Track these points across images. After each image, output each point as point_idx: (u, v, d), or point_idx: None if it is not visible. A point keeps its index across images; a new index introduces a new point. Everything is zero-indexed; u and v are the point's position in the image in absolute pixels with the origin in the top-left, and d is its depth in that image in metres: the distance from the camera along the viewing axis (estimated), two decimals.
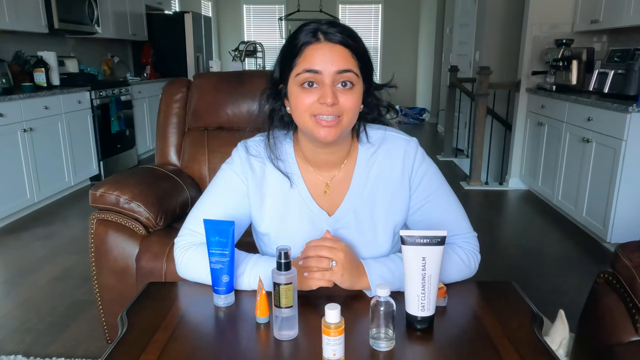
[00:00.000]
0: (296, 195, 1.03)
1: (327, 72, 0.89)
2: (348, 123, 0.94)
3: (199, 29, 6.55)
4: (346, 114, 0.92)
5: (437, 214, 1.04)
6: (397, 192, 1.04)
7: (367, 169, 1.04)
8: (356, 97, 0.93)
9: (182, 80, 2.12)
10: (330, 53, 0.90)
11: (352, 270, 0.91)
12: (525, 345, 0.78)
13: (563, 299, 2.32)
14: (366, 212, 1.03)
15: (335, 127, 0.92)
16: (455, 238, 1.04)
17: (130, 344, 0.79)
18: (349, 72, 0.91)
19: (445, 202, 1.05)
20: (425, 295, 0.81)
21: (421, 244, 0.80)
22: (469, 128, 5.00)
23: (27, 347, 1.93)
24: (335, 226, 1.02)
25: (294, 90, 0.93)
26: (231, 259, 0.91)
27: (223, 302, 0.92)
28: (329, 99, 0.89)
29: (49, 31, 4.12)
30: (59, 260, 2.77)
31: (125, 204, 1.66)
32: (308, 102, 0.91)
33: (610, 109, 2.83)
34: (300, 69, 0.91)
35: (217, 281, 0.91)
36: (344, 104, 0.91)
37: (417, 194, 1.04)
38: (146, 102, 5.46)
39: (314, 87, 0.91)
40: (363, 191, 1.03)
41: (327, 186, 1.04)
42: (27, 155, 3.47)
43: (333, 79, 0.90)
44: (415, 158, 1.04)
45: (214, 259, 0.91)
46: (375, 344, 0.77)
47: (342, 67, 0.90)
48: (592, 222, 3.04)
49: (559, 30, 3.93)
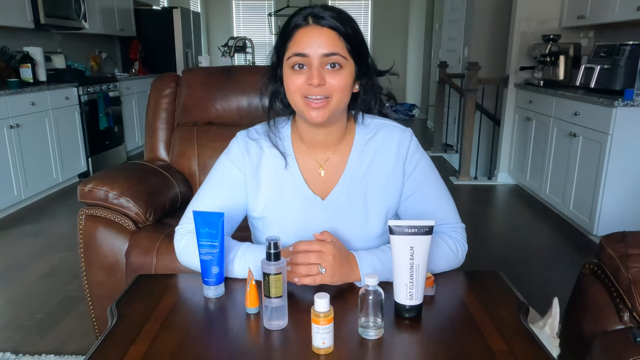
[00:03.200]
0: (290, 179, 1.05)
1: (314, 55, 0.92)
2: (337, 103, 0.96)
3: (187, 24, 6.51)
4: (335, 94, 0.95)
5: (427, 202, 1.06)
6: (391, 177, 1.05)
7: (362, 154, 1.06)
8: (344, 78, 0.95)
9: (171, 76, 2.10)
10: (318, 36, 0.93)
11: (343, 269, 0.92)
12: (511, 332, 0.79)
13: (550, 290, 2.34)
14: (359, 197, 1.04)
15: (324, 108, 0.95)
16: (445, 227, 1.06)
17: (120, 336, 0.79)
18: (336, 55, 0.93)
19: (435, 192, 1.07)
20: (413, 285, 0.82)
21: (409, 233, 0.81)
22: (458, 123, 5.03)
23: (16, 344, 1.92)
24: (329, 210, 1.04)
25: (287, 72, 0.97)
26: (221, 251, 0.92)
27: (213, 294, 0.92)
28: (315, 80, 0.92)
29: (35, 26, 4.07)
30: (48, 257, 2.75)
31: (114, 199, 1.65)
32: (298, 84, 0.94)
33: (596, 103, 2.87)
34: (290, 52, 0.94)
35: (206, 272, 0.92)
36: (331, 85, 0.94)
37: (410, 181, 1.06)
38: (135, 98, 5.41)
39: (303, 69, 0.94)
40: (357, 176, 1.05)
41: (321, 167, 1.06)
42: (14, 152, 3.43)
43: (320, 62, 0.93)
44: (410, 146, 1.06)
45: (203, 250, 0.92)
46: (364, 332, 0.78)
47: (329, 50, 0.93)
48: (578, 215, 3.08)
49: (547, 26, 3.96)
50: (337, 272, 0.91)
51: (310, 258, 0.90)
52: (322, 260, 0.90)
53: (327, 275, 0.90)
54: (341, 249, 0.94)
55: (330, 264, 0.90)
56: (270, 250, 0.81)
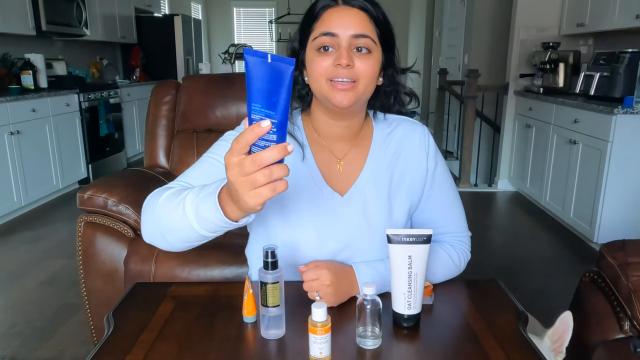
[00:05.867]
0: (306, 174, 0.97)
1: (343, 35, 0.87)
2: (364, 89, 0.90)
3: (188, 31, 6.53)
4: (362, 79, 0.89)
5: (440, 208, 1.02)
6: (415, 171, 1.01)
7: (383, 147, 1.00)
8: (372, 64, 0.90)
9: (171, 83, 2.11)
10: (348, 16, 0.88)
11: (343, 289, 0.90)
12: (510, 342, 0.79)
13: (550, 299, 2.34)
14: (383, 192, 0.98)
15: (350, 91, 0.88)
16: (450, 236, 1.04)
17: (116, 345, 0.79)
18: (366, 38, 0.88)
19: (449, 198, 1.03)
20: (411, 294, 0.81)
21: (407, 242, 0.80)
22: (458, 130, 5.04)
23: (14, 351, 1.91)
24: (349, 207, 0.97)
25: (311, 55, 0.91)
26: (281, 132, 0.58)
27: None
28: (343, 59, 0.86)
29: (36, 33, 4.08)
30: (47, 264, 2.74)
31: (113, 207, 1.65)
32: (324, 66, 0.89)
33: (596, 110, 2.87)
34: (317, 32, 0.89)
35: None
36: (359, 68, 0.88)
37: (427, 183, 1.02)
38: (135, 105, 5.43)
39: (330, 50, 0.89)
40: (380, 169, 0.99)
41: (339, 162, 0.99)
42: (15, 158, 3.44)
43: (349, 43, 0.88)
44: (430, 143, 1.02)
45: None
46: (362, 342, 0.78)
47: (359, 32, 0.88)
48: (579, 223, 3.07)
49: (546, 34, 3.97)
50: (339, 296, 0.89)
51: (309, 290, 0.89)
52: (320, 291, 0.87)
53: (329, 301, 0.87)
54: (337, 270, 0.90)
55: (330, 292, 0.88)
56: (267, 259, 0.80)
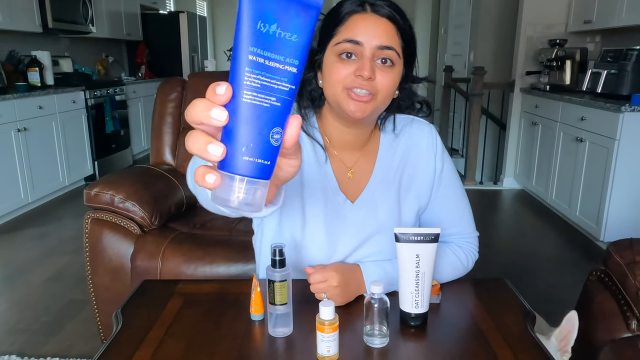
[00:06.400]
0: (322, 178, 0.96)
1: (368, 45, 0.84)
2: (381, 103, 0.87)
3: (194, 28, 6.53)
4: (381, 92, 0.85)
5: (448, 210, 1.02)
6: (423, 174, 1.00)
7: (391, 153, 0.99)
8: (393, 78, 0.86)
9: (176, 80, 2.12)
10: (375, 25, 0.84)
11: (351, 289, 0.91)
12: (518, 341, 0.78)
13: (556, 297, 2.33)
14: (392, 196, 0.98)
15: (366, 104, 0.85)
16: (458, 237, 1.03)
17: (124, 342, 0.79)
18: (391, 50, 0.84)
19: (457, 199, 1.03)
20: (419, 293, 0.81)
21: (415, 241, 0.80)
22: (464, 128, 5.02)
23: (21, 347, 1.92)
24: (359, 214, 0.97)
25: (331, 59, 0.87)
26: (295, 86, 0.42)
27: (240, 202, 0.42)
28: (366, 71, 0.82)
29: (43, 30, 4.10)
30: (53, 260, 2.76)
31: (120, 203, 1.66)
32: (343, 74, 0.85)
33: (603, 108, 2.85)
34: (340, 37, 0.85)
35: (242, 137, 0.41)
36: (380, 82, 0.84)
37: (435, 184, 1.01)
38: (141, 102, 5.44)
39: (352, 58, 0.85)
40: (389, 174, 0.99)
41: (350, 171, 0.98)
42: (22, 155, 3.45)
43: (373, 53, 0.84)
44: (437, 145, 1.00)
45: (256, 79, 0.40)
46: (369, 340, 0.78)
47: (385, 43, 0.84)
48: (585, 221, 3.06)
49: (553, 31, 3.95)
50: (347, 296, 0.90)
51: (317, 292, 0.89)
52: (328, 291, 0.88)
53: (337, 302, 0.87)
54: (344, 271, 0.91)
55: (337, 293, 0.88)
56: (275, 257, 0.80)
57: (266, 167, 0.42)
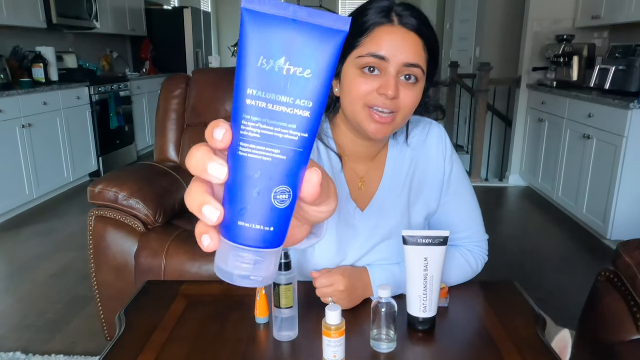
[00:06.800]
0: (338, 186, 0.92)
1: (394, 61, 0.79)
2: (401, 122, 0.84)
3: (198, 24, 6.52)
4: (402, 111, 0.82)
5: (457, 214, 0.99)
6: (432, 179, 0.97)
7: (400, 159, 0.96)
8: (417, 95, 0.83)
9: (181, 76, 2.10)
10: (403, 40, 0.79)
11: (357, 293, 0.89)
12: (528, 347, 0.77)
13: (563, 296, 2.31)
14: (401, 205, 0.95)
15: (388, 125, 0.81)
16: (468, 241, 1.01)
17: (127, 345, 0.78)
18: (417, 68, 0.80)
19: (467, 203, 1.00)
20: (427, 297, 0.80)
21: (423, 244, 0.79)
22: (469, 124, 4.99)
23: (26, 344, 1.92)
24: (369, 222, 0.94)
25: (351, 72, 0.82)
26: (312, 135, 0.33)
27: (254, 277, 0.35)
28: (390, 91, 0.78)
29: (47, 26, 4.09)
30: (58, 256, 2.76)
31: (124, 201, 1.65)
32: (365, 90, 0.80)
33: (611, 105, 2.82)
34: (364, 51, 0.80)
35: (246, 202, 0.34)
36: (403, 100, 0.80)
37: (445, 188, 0.98)
38: (145, 98, 5.43)
39: (374, 73, 0.80)
40: (397, 182, 0.95)
41: (361, 181, 0.95)
42: (26, 151, 3.45)
43: (399, 70, 0.79)
44: (447, 147, 0.97)
45: (250, 128, 0.32)
46: (377, 345, 0.77)
47: (411, 61, 0.79)
48: (592, 219, 3.03)
49: (560, 26, 3.90)
50: (354, 300, 0.89)
51: (323, 296, 0.88)
52: (334, 295, 0.87)
53: (343, 306, 0.85)
54: (351, 275, 0.89)
55: (344, 297, 0.87)
56: (281, 260, 0.79)
57: (268, 235, 0.33)
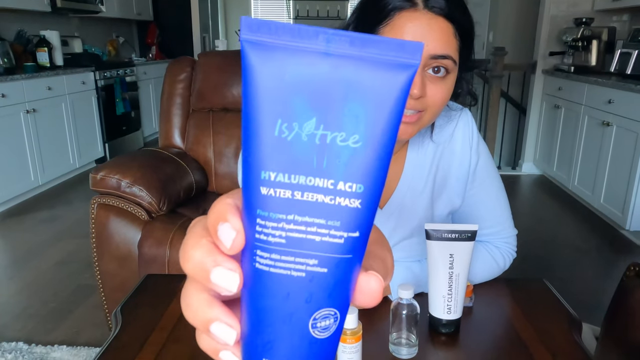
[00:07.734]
0: None
1: None
2: (429, 120, 0.75)
3: (205, 8, 6.40)
4: (430, 109, 0.72)
5: (484, 207, 0.90)
6: (457, 171, 0.87)
7: (422, 153, 0.87)
8: (447, 89, 0.73)
9: (186, 60, 2.02)
10: (429, 28, 0.68)
11: None
12: (564, 352, 0.70)
13: (581, 289, 2.23)
14: (423, 201, 0.88)
15: (413, 125, 0.72)
16: (496, 237, 0.93)
17: (122, 346, 0.72)
18: (447, 59, 0.69)
19: (496, 195, 0.91)
20: (452, 297, 0.72)
21: (449, 239, 0.71)
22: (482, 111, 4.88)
23: (29, 333, 1.88)
24: (389, 220, 0.86)
25: None
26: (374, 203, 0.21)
27: None
28: (415, 89, 0.68)
29: (51, 10, 4.01)
30: (63, 244, 2.72)
31: (126, 188, 1.59)
32: None
33: (633, 90, 2.71)
34: None
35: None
36: (431, 98, 0.71)
37: (470, 179, 0.89)
38: (152, 84, 5.37)
39: None
40: (419, 178, 0.87)
41: None
42: (31, 137, 3.40)
43: (425, 63, 0.69)
44: (474, 135, 0.86)
45: (270, 230, 0.20)
46: (396, 350, 0.70)
47: (440, 52, 0.69)
48: (610, 209, 2.93)
49: (578, 9, 3.77)
50: None
51: None
52: None
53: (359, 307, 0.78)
54: None
55: None
56: None
57: None
